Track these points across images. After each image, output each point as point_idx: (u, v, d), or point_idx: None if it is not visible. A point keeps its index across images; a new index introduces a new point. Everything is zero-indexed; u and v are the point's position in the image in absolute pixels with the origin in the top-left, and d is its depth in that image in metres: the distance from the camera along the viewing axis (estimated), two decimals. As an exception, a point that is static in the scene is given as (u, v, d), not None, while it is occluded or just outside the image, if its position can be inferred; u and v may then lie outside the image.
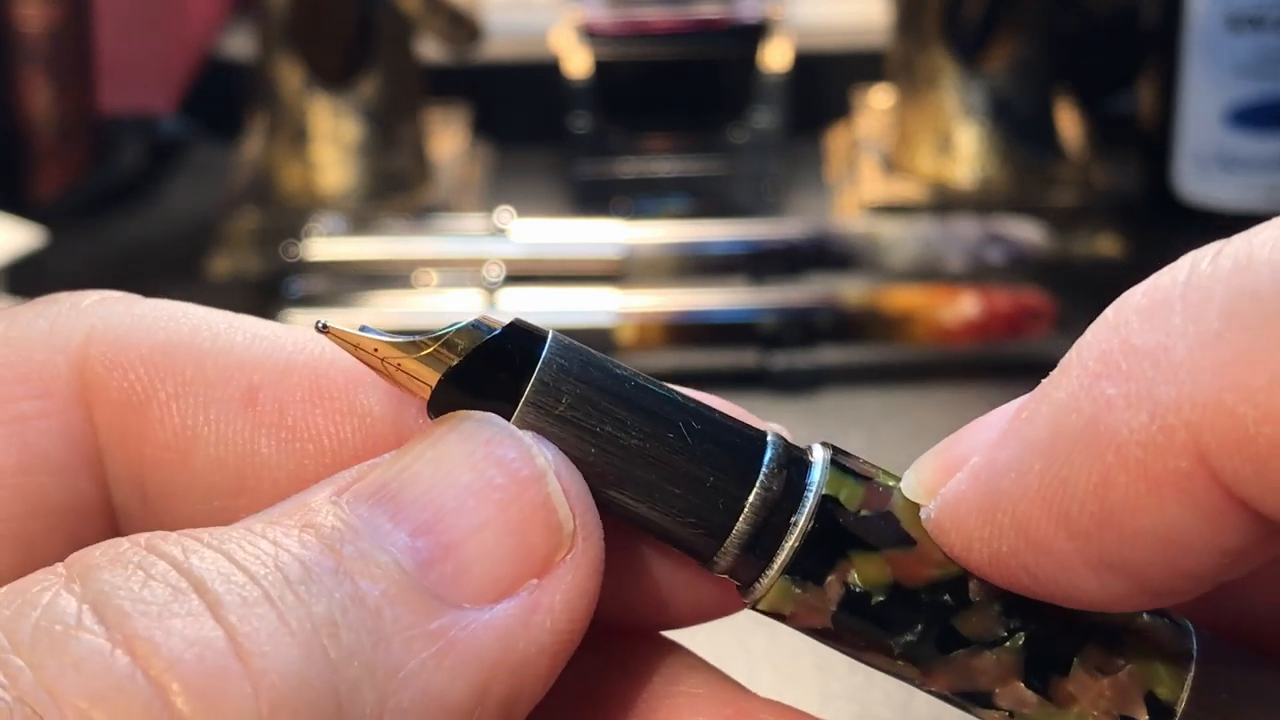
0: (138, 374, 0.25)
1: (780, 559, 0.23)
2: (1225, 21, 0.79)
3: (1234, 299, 0.20)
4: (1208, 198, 0.82)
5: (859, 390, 0.71)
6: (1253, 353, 0.20)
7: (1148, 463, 0.21)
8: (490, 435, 0.23)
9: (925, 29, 0.81)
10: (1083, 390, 0.21)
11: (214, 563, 0.21)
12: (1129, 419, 0.21)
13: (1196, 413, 0.20)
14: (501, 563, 0.22)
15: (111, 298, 0.26)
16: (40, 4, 0.84)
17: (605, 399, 0.23)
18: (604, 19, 0.83)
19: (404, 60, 0.83)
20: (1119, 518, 0.21)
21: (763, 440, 0.24)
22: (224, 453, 0.25)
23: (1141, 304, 0.21)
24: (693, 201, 0.84)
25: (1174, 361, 0.20)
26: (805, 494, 0.23)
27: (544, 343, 0.24)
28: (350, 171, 0.82)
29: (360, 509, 0.22)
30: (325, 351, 0.25)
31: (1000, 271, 0.74)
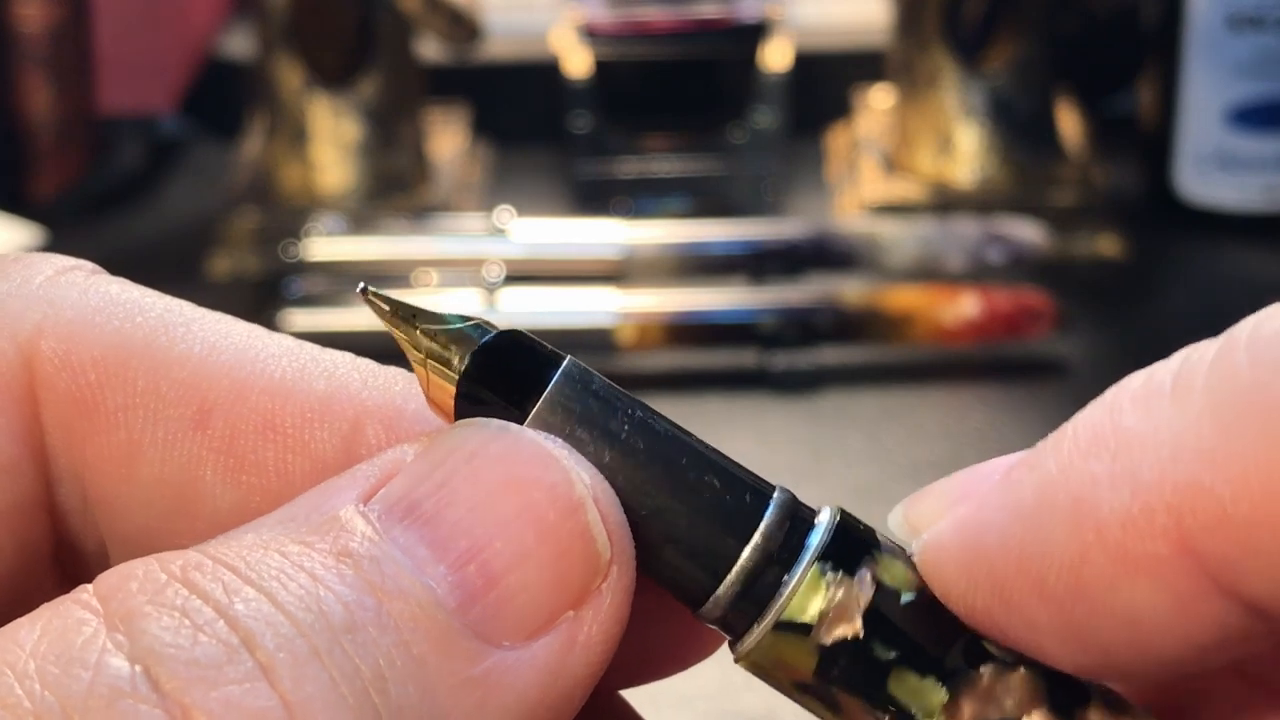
0: (88, 378, 0.24)
1: (772, 613, 0.23)
2: (1225, 21, 0.79)
3: (1215, 383, 0.21)
4: (1208, 198, 0.82)
5: (859, 390, 0.71)
6: (1229, 433, 0.20)
7: (1126, 544, 0.21)
8: (534, 455, 0.22)
9: (925, 29, 0.81)
10: (1071, 465, 0.22)
11: (259, 609, 0.20)
12: (1111, 498, 0.21)
13: (1177, 494, 0.21)
14: (541, 596, 0.21)
15: (64, 277, 0.25)
16: (40, 4, 0.84)
17: (614, 440, 0.23)
18: (604, 19, 0.83)
19: (404, 60, 0.83)
20: (1092, 594, 0.22)
21: (769, 493, 0.23)
22: (168, 473, 0.24)
23: (1136, 389, 0.22)
24: (693, 201, 0.84)
25: (1159, 444, 0.21)
26: (803, 553, 0.23)
27: (557, 366, 0.23)
28: (350, 171, 0.82)
29: (395, 531, 0.21)
30: (284, 378, 0.24)
31: (1000, 271, 0.74)
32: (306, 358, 0.25)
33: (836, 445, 0.67)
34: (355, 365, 0.25)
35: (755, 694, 0.54)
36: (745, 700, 0.54)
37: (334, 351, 0.25)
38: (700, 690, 0.54)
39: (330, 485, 0.22)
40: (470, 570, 0.21)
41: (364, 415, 0.24)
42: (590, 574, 0.22)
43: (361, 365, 0.25)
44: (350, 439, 0.24)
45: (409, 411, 0.24)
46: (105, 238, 0.84)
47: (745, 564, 0.23)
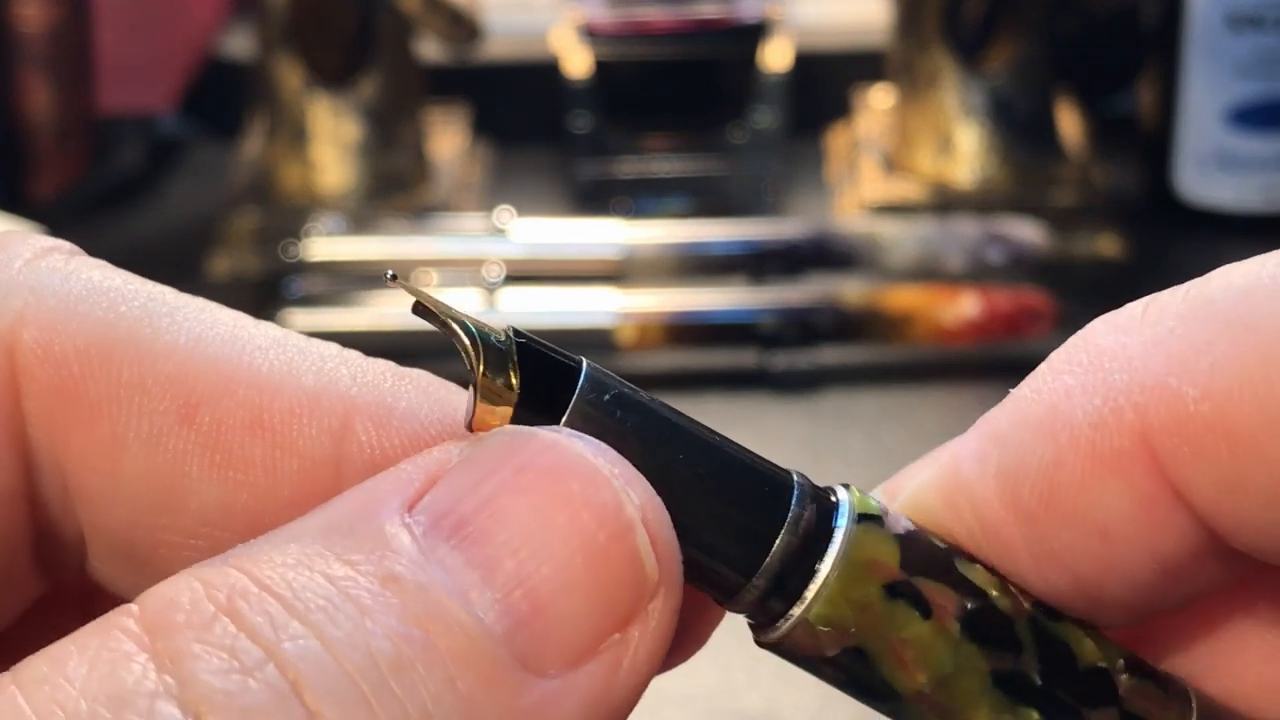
0: (71, 369, 0.24)
1: (808, 601, 0.23)
2: (1225, 21, 0.79)
3: (1188, 306, 0.22)
4: (1208, 198, 0.82)
5: (859, 390, 0.71)
6: (1200, 343, 0.22)
7: (1096, 441, 0.22)
8: (584, 472, 0.21)
9: (925, 29, 0.81)
10: (1044, 383, 0.23)
11: (307, 649, 0.19)
12: (1084, 403, 0.22)
13: (1144, 394, 0.22)
14: (587, 622, 0.21)
15: (44, 261, 0.24)
16: (40, 4, 0.84)
17: (636, 438, 0.22)
18: (604, 19, 0.83)
19: (404, 60, 0.83)
20: (1063, 498, 0.23)
21: (789, 479, 0.23)
22: (153, 467, 0.24)
23: (1109, 317, 0.23)
24: (693, 201, 0.84)
25: (1129, 355, 0.22)
26: (833, 535, 0.23)
27: (579, 370, 0.23)
28: (350, 171, 0.82)
29: (441, 550, 0.21)
30: (272, 371, 0.24)
31: (1000, 271, 0.74)
32: (294, 350, 0.24)
33: (836, 445, 0.67)
34: (344, 359, 0.24)
35: (755, 692, 0.54)
36: (745, 699, 0.54)
37: (321, 343, 0.25)
38: (700, 689, 0.54)
39: (374, 489, 0.22)
40: (517, 596, 0.21)
41: (353, 412, 0.24)
42: (638, 597, 0.21)
43: (350, 359, 0.24)
44: (340, 436, 0.24)
45: (399, 409, 0.24)
46: (105, 238, 0.84)
47: (777, 555, 0.23)
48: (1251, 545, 0.22)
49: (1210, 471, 0.22)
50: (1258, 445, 0.21)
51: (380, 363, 0.25)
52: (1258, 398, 0.21)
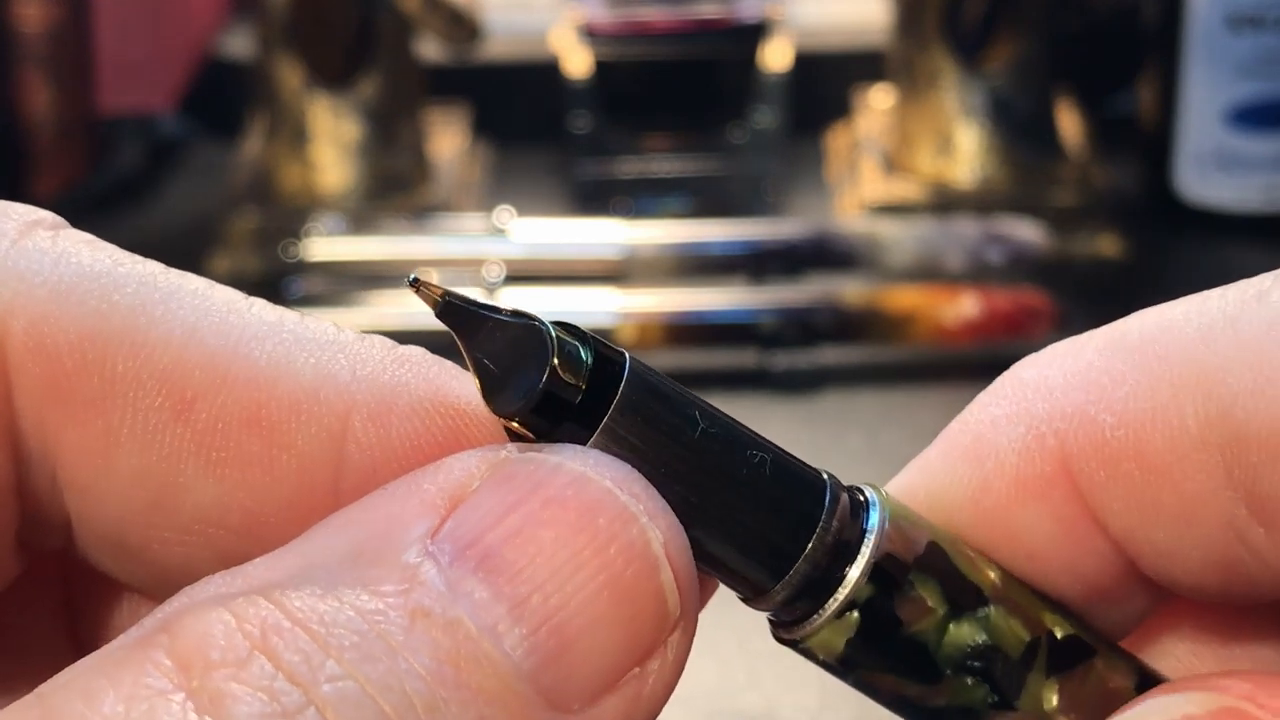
0: (63, 364, 0.23)
1: (836, 604, 0.23)
2: (1225, 21, 0.79)
3: (1106, 341, 0.23)
4: (1208, 198, 0.82)
5: (859, 390, 0.71)
6: (1116, 373, 0.23)
7: (1020, 467, 0.23)
8: (611, 507, 0.21)
9: (925, 29, 0.81)
10: (971, 416, 0.24)
11: (345, 693, 0.19)
12: (1008, 431, 0.24)
13: (1065, 421, 0.23)
14: (612, 658, 0.21)
15: (29, 240, 0.23)
16: (40, 4, 0.84)
17: (676, 433, 0.22)
18: (604, 19, 0.83)
19: (404, 60, 0.83)
20: (991, 522, 0.24)
21: (820, 480, 0.24)
22: (146, 465, 0.23)
23: (1032, 355, 0.24)
24: (693, 201, 0.84)
25: (1050, 386, 0.24)
26: (865, 538, 0.23)
27: (623, 369, 0.22)
28: (350, 171, 0.82)
29: (469, 583, 0.20)
30: (269, 364, 0.23)
31: (1000, 271, 0.74)
32: (290, 339, 0.23)
33: (836, 445, 0.67)
34: (342, 346, 0.24)
35: (754, 692, 0.54)
36: (744, 699, 0.54)
37: (319, 326, 0.24)
38: (699, 688, 0.54)
39: (396, 510, 0.21)
40: (544, 633, 0.21)
41: (351, 409, 0.23)
42: (659, 631, 0.22)
43: (349, 347, 0.24)
44: (339, 435, 0.23)
45: (399, 407, 0.23)
46: (105, 238, 0.84)
47: (807, 559, 0.23)
48: (1163, 572, 0.23)
49: (1124, 495, 0.23)
50: (1168, 470, 0.22)
51: (378, 345, 0.24)
52: (1169, 425, 0.22)
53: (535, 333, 0.22)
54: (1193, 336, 0.22)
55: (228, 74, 0.94)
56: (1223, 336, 0.22)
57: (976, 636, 0.23)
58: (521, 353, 0.22)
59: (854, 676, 0.24)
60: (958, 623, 0.23)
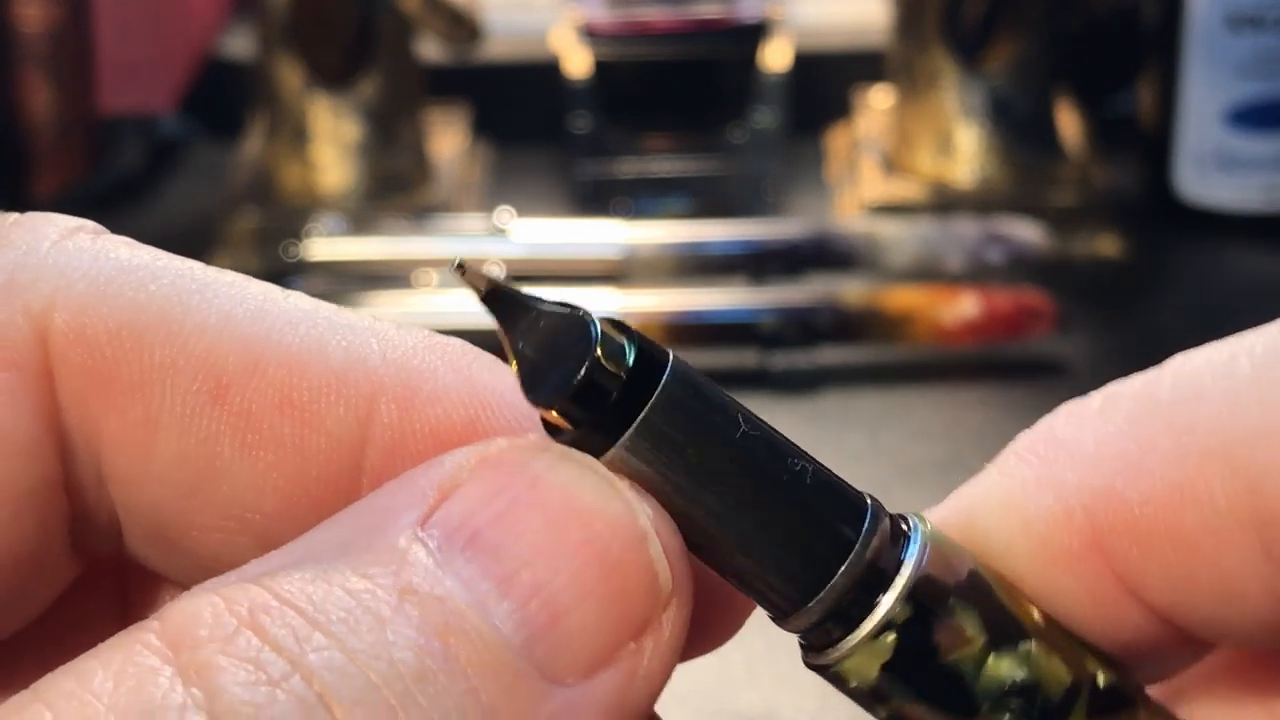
0: (104, 352, 0.23)
1: (873, 624, 0.22)
2: (1225, 21, 0.79)
3: (1138, 403, 0.23)
4: (1207, 198, 0.82)
5: (859, 390, 0.71)
6: (1145, 442, 0.22)
7: (1048, 538, 0.23)
8: (595, 484, 0.22)
9: (925, 29, 0.81)
10: (1005, 472, 0.24)
11: (331, 660, 0.19)
12: (1037, 498, 0.23)
13: (1094, 497, 0.23)
14: (603, 631, 0.21)
15: (70, 241, 0.24)
16: (40, 4, 0.84)
17: (717, 435, 0.22)
18: (604, 19, 0.83)
19: (404, 60, 0.83)
20: (1023, 583, 0.23)
21: (862, 503, 0.23)
22: (185, 449, 0.23)
23: (1070, 406, 0.24)
24: (693, 201, 0.84)
25: (1082, 452, 0.23)
26: (905, 559, 0.23)
27: (665, 366, 0.22)
28: (350, 171, 0.82)
29: (457, 562, 0.21)
30: (301, 348, 0.24)
31: (1000, 271, 0.74)
32: (323, 324, 0.24)
33: (836, 445, 0.67)
34: (374, 331, 0.24)
35: (754, 692, 0.54)
36: (744, 699, 0.54)
37: (352, 314, 0.24)
38: (699, 687, 0.54)
39: (387, 503, 0.22)
40: (534, 606, 0.21)
41: (379, 391, 0.24)
42: (651, 606, 0.22)
43: (380, 332, 0.24)
44: (365, 416, 0.24)
45: (425, 391, 0.24)
46: (105, 238, 0.84)
47: (838, 584, 0.22)
48: (1208, 633, 0.23)
49: (1159, 571, 0.22)
50: (1201, 546, 0.22)
51: (413, 334, 0.24)
52: (1198, 501, 0.22)
53: (579, 323, 0.22)
54: (1219, 402, 0.22)
55: (228, 74, 0.94)
56: (1248, 404, 0.21)
57: (1016, 672, 0.23)
58: (564, 343, 0.22)
59: (885, 707, 0.23)
60: (997, 655, 0.23)
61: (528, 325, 0.22)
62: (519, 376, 0.22)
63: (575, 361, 0.21)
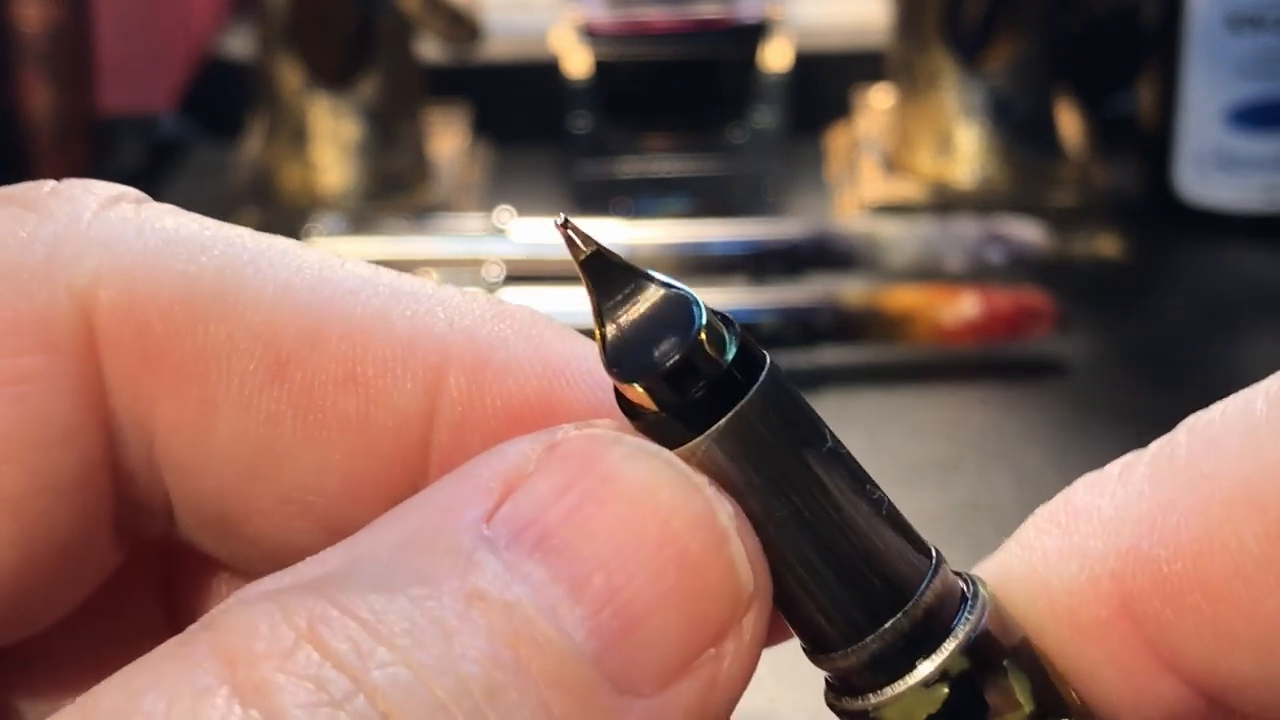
0: (155, 330, 0.22)
1: (929, 670, 0.21)
2: (1225, 21, 0.79)
3: (1154, 466, 0.22)
4: (1208, 198, 0.82)
5: (859, 390, 0.71)
6: (1165, 501, 0.21)
7: (1074, 610, 0.22)
8: (674, 480, 0.20)
9: (925, 29, 0.81)
10: (1026, 544, 0.22)
11: (397, 678, 0.18)
12: (1060, 569, 0.22)
13: (1120, 561, 0.21)
14: (682, 638, 0.20)
15: (112, 211, 0.22)
16: (40, 4, 0.84)
17: (805, 444, 0.21)
18: (604, 19, 0.83)
19: (404, 60, 0.83)
20: (1049, 659, 0.22)
21: (928, 548, 0.22)
22: (244, 431, 0.22)
23: (1089, 476, 0.23)
24: (693, 201, 0.84)
25: (1103, 519, 0.22)
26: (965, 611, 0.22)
27: (764, 361, 0.21)
28: (350, 171, 0.82)
29: (526, 566, 0.19)
30: (363, 318, 0.22)
31: (1000, 271, 0.74)
32: (386, 292, 0.23)
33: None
34: (439, 299, 0.23)
35: (755, 692, 0.54)
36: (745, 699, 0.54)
37: (415, 281, 0.23)
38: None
39: (451, 498, 0.20)
40: (607, 613, 0.19)
41: (447, 363, 0.22)
42: (733, 610, 0.20)
43: (446, 299, 0.23)
44: (434, 388, 0.22)
45: (496, 362, 0.22)
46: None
47: (894, 629, 0.21)
48: (1249, 703, 0.22)
49: (1195, 631, 0.21)
50: (1236, 597, 0.21)
51: (480, 301, 0.23)
52: (1227, 549, 0.21)
53: (682, 302, 0.21)
54: (1238, 448, 0.21)
55: (228, 74, 0.94)
56: (1269, 442, 0.20)
57: None
58: (659, 323, 0.21)
59: None
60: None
61: (624, 296, 0.21)
62: (602, 345, 0.21)
63: (674, 341, 0.20)
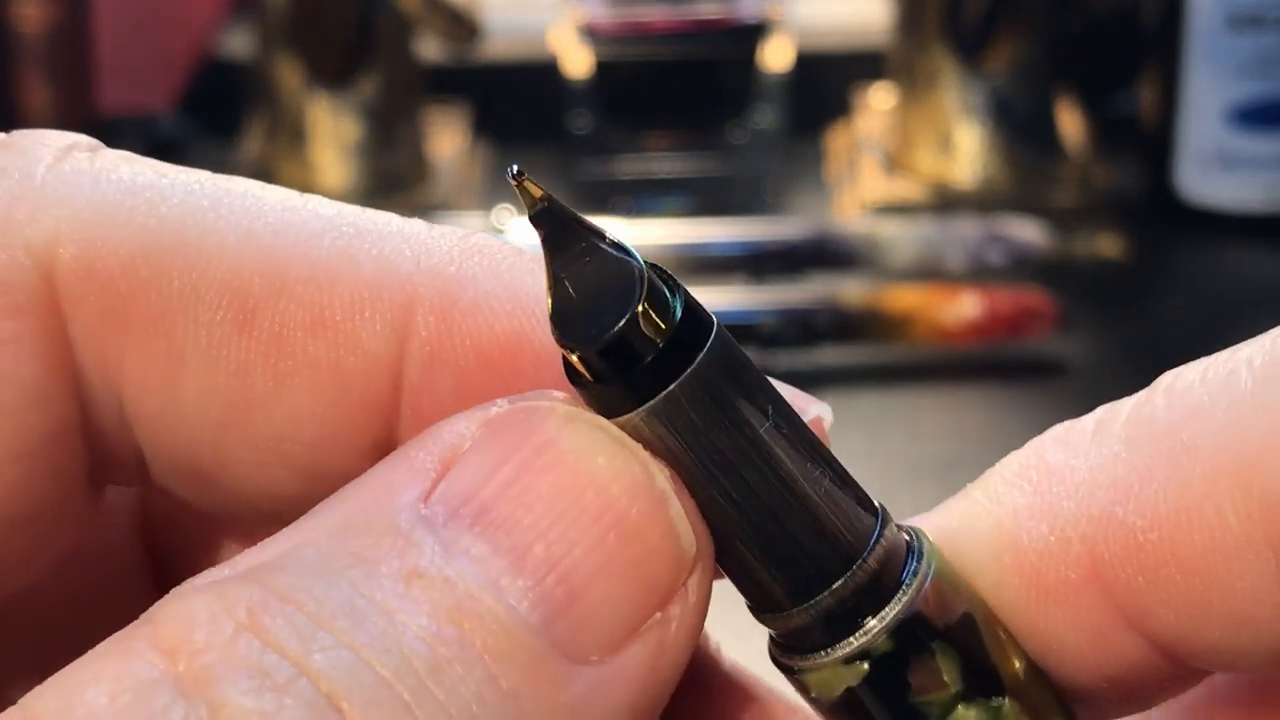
0: (118, 287, 0.21)
1: (849, 649, 0.21)
2: (1226, 21, 0.79)
3: (1132, 426, 0.21)
4: (1209, 197, 0.82)
5: (859, 390, 0.71)
6: (1143, 468, 0.21)
7: (1041, 570, 0.21)
8: (608, 446, 0.20)
9: (926, 29, 0.81)
10: (995, 495, 0.22)
11: (339, 659, 0.18)
12: (1030, 528, 0.21)
13: (1092, 525, 0.21)
14: (627, 603, 0.20)
15: (66, 164, 0.22)
16: (40, 4, 0.83)
17: (742, 424, 0.20)
18: (604, 19, 0.83)
19: (404, 60, 0.82)
20: (1007, 619, 0.22)
21: (875, 510, 0.22)
22: (214, 382, 0.22)
23: (1060, 430, 0.22)
24: (693, 201, 0.84)
25: (1077, 480, 0.21)
26: (900, 589, 0.21)
27: (709, 332, 0.20)
28: (350, 171, 0.82)
29: (465, 540, 0.19)
30: (329, 260, 0.22)
31: (1001, 271, 0.74)
32: (350, 232, 0.22)
33: (837, 445, 0.67)
34: (405, 236, 0.22)
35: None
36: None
37: (380, 217, 0.23)
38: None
39: (387, 481, 0.20)
40: (551, 582, 0.19)
41: (415, 303, 0.22)
42: (676, 572, 0.20)
43: (415, 237, 0.22)
44: (402, 328, 0.22)
45: (465, 300, 0.22)
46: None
47: (835, 594, 0.21)
48: (1218, 665, 0.22)
49: (1168, 601, 0.21)
50: (1213, 572, 0.20)
51: (448, 236, 0.23)
52: (1207, 524, 0.20)
53: (628, 271, 0.20)
54: (1221, 419, 0.20)
55: (227, 74, 0.94)
56: (1254, 419, 0.20)
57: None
58: (607, 285, 0.20)
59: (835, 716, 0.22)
60: (967, 705, 0.22)
61: (574, 256, 0.21)
62: (550, 309, 0.20)
63: (614, 310, 0.20)
